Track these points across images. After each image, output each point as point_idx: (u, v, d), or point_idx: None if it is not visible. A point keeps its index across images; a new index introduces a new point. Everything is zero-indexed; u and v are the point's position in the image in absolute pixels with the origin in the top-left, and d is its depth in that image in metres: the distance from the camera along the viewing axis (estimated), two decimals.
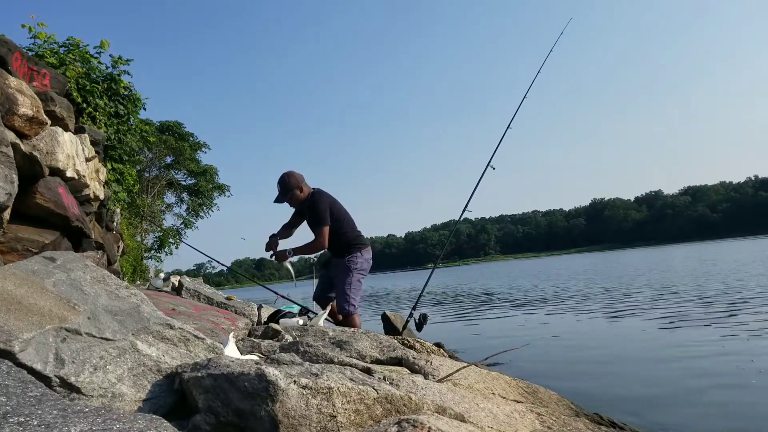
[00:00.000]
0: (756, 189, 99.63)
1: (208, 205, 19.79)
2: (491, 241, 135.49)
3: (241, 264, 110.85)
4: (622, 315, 6.90)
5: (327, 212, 3.74)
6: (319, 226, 3.73)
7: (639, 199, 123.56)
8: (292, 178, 3.82)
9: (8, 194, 2.53)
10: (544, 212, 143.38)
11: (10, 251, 2.82)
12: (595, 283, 13.40)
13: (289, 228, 4.04)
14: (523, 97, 5.08)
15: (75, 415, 1.01)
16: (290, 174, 3.85)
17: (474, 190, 4.74)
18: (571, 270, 23.49)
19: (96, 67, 5.69)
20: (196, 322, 2.75)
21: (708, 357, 4.02)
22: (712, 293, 8.19)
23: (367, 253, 3.91)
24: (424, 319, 4.17)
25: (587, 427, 2.10)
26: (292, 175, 3.84)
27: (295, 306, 4.35)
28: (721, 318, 5.78)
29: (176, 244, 16.94)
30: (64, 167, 3.56)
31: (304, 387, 1.31)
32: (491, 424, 1.74)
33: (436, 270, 5.10)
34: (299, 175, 3.86)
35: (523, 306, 9.46)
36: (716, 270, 13.53)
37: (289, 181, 3.82)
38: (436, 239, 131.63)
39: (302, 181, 3.85)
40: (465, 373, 2.29)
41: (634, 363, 4.13)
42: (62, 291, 1.65)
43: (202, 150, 19.63)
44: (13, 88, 2.93)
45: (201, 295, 3.94)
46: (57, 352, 1.35)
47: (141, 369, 1.49)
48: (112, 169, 5.96)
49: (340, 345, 2.45)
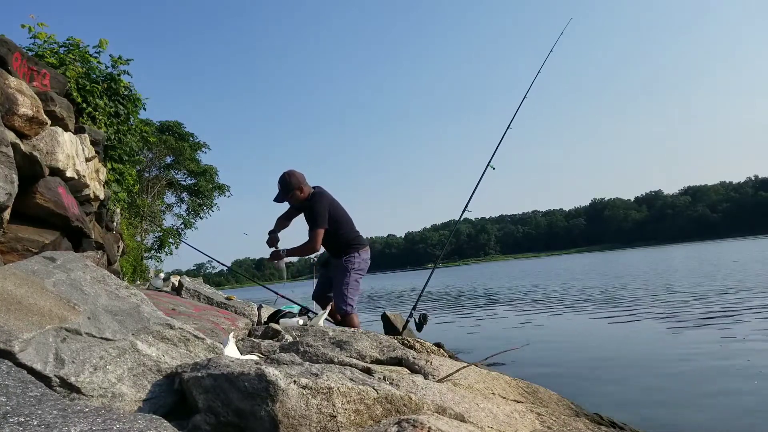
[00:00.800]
0: (756, 189, 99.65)
1: (208, 205, 19.81)
2: (491, 241, 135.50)
3: (241, 264, 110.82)
4: (622, 315, 6.90)
5: (325, 215, 3.73)
6: (314, 228, 3.73)
7: (639, 199, 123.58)
8: (293, 178, 3.80)
9: (8, 194, 2.53)
10: (544, 212, 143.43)
11: (10, 251, 2.82)
12: (595, 283, 13.40)
13: (285, 220, 4.02)
14: (523, 97, 5.09)
15: (75, 415, 1.01)
16: (291, 173, 3.83)
17: (474, 190, 4.75)
18: (571, 270, 23.49)
19: (96, 67, 5.69)
20: (196, 322, 2.75)
21: (708, 357, 4.02)
22: (712, 293, 8.19)
23: (365, 253, 3.91)
24: (424, 319, 4.17)
25: (587, 427, 2.10)
26: (293, 174, 3.82)
27: (295, 306, 4.34)
28: (721, 318, 5.78)
29: (176, 244, 16.97)
30: (64, 167, 3.56)
31: (304, 387, 1.31)
32: (491, 424, 1.74)
33: (436, 270, 5.09)
34: (300, 175, 3.84)
35: (523, 306, 9.46)
36: (716, 270, 13.54)
37: (290, 180, 3.80)
38: (436, 239, 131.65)
39: (303, 181, 3.83)
40: (465, 373, 2.29)
41: (634, 363, 4.13)
42: (62, 291, 1.65)
43: (202, 150, 19.68)
44: (13, 88, 2.93)
45: (201, 295, 3.94)
46: (57, 352, 1.35)
47: (141, 369, 1.49)
48: (112, 169, 5.96)
49: (340, 345, 2.45)
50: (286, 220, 4.02)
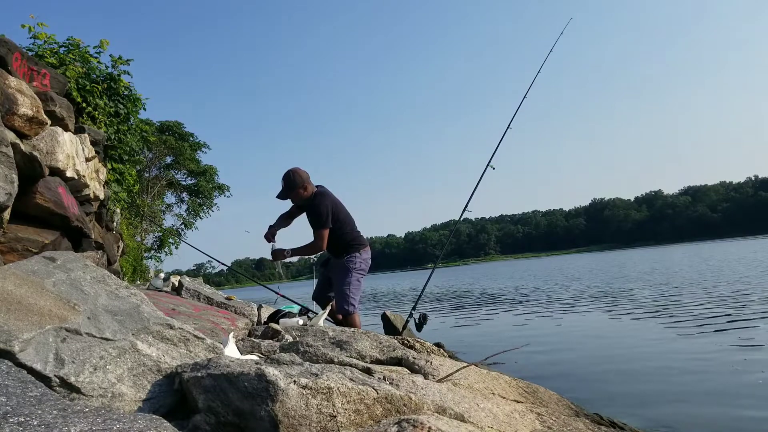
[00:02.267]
0: (756, 189, 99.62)
1: (208, 205, 19.82)
2: (491, 241, 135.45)
3: (241, 264, 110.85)
4: (622, 315, 6.90)
5: (329, 215, 3.72)
6: (319, 229, 3.72)
7: (639, 199, 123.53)
8: (297, 177, 3.77)
9: (8, 194, 2.53)
10: (544, 212, 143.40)
11: (10, 251, 2.82)
12: (595, 282, 13.39)
13: (287, 218, 4.01)
14: (523, 97, 5.09)
15: (75, 415, 1.01)
16: (295, 172, 3.79)
17: (474, 190, 4.75)
18: (570, 270, 23.49)
19: (96, 67, 5.68)
20: (196, 322, 2.75)
21: (708, 357, 4.02)
22: (712, 293, 8.19)
23: (365, 253, 3.91)
24: (424, 319, 4.17)
25: (587, 427, 2.10)
26: (298, 173, 3.79)
27: (295, 306, 4.35)
28: (721, 318, 5.77)
29: (176, 244, 16.97)
30: (64, 167, 3.55)
31: (304, 387, 1.31)
32: (491, 424, 1.74)
33: (436, 270, 5.10)
34: (305, 174, 3.81)
35: (523, 306, 9.46)
36: (716, 270, 13.53)
37: (294, 179, 3.77)
38: (436, 239, 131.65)
39: (307, 180, 3.80)
40: (465, 373, 2.29)
41: (634, 363, 4.13)
42: (62, 291, 1.65)
43: (202, 150, 19.68)
44: (13, 88, 2.93)
45: (201, 295, 3.93)
46: (57, 352, 1.35)
47: (141, 369, 1.48)
48: (112, 169, 5.95)
49: (340, 345, 2.45)
50: (288, 218, 4.01)
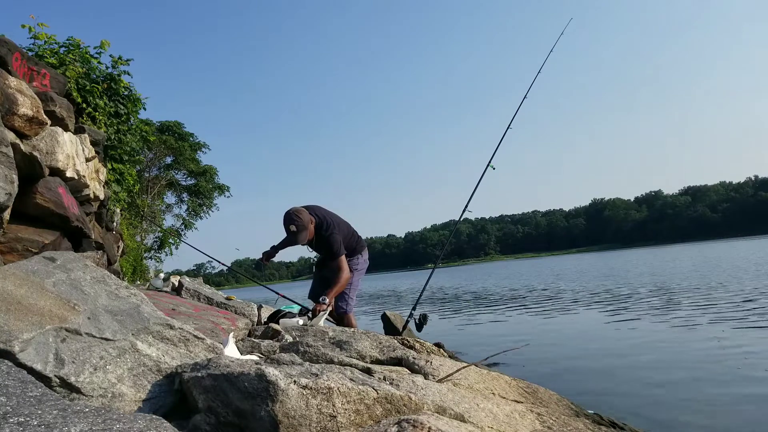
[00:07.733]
0: (756, 189, 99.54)
1: (208, 205, 19.80)
2: (491, 241, 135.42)
3: (241, 264, 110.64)
4: (621, 315, 6.90)
5: (341, 242, 3.67)
6: (338, 258, 3.64)
7: (639, 199, 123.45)
8: (302, 217, 3.56)
9: (8, 194, 2.53)
10: (544, 212, 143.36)
11: (10, 251, 2.82)
12: (595, 283, 13.39)
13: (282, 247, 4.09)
14: (524, 97, 5.10)
15: (75, 415, 1.01)
16: (297, 213, 3.57)
17: (474, 190, 4.76)
18: (570, 270, 23.48)
19: (96, 67, 5.68)
20: (196, 322, 2.75)
21: (708, 357, 4.02)
22: (712, 293, 8.18)
23: (365, 254, 3.97)
24: (424, 319, 4.17)
25: (587, 427, 2.10)
26: (298, 213, 3.57)
27: (295, 306, 4.34)
28: (721, 318, 5.77)
29: (176, 244, 16.97)
30: (64, 167, 3.55)
31: (304, 387, 1.31)
32: (491, 424, 1.74)
33: (436, 270, 5.10)
34: (303, 210, 3.63)
35: (523, 306, 9.46)
36: (716, 270, 13.53)
37: (302, 219, 3.54)
38: (436, 239, 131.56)
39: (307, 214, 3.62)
40: (465, 373, 2.29)
41: (634, 363, 4.13)
42: (62, 291, 1.65)
43: (202, 150, 19.67)
44: (13, 88, 2.93)
45: (201, 295, 3.93)
46: (57, 352, 1.35)
47: (141, 369, 1.48)
48: (112, 169, 5.95)
49: (340, 345, 2.45)
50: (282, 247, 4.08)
